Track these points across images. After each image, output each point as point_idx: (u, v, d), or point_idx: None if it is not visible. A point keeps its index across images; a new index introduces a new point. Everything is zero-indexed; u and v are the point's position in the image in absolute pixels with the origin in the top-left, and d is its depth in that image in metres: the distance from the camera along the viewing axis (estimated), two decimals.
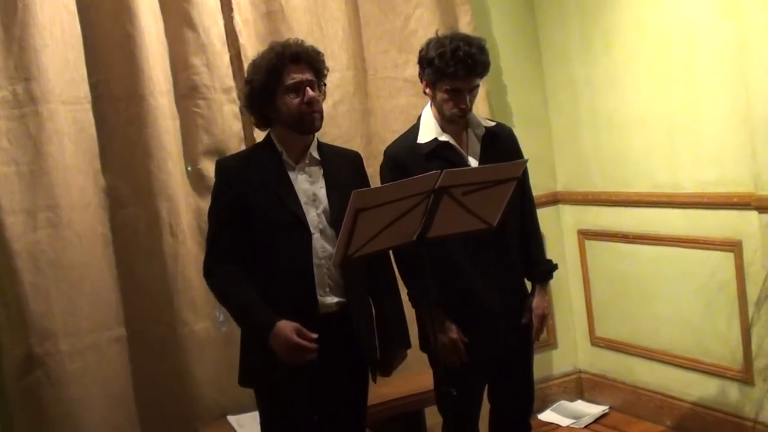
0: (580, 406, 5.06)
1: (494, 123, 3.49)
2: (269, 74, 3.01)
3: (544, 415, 4.97)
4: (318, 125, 3.09)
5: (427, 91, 3.33)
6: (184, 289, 3.90)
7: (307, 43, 3.11)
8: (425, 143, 3.31)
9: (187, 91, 3.97)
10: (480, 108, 4.42)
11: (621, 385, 4.89)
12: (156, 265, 3.89)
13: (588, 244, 4.95)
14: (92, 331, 3.75)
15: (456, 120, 3.30)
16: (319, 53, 3.11)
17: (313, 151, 3.15)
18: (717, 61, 3.92)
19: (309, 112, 3.03)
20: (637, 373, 4.77)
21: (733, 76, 3.82)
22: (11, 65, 3.58)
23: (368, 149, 4.23)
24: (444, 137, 3.31)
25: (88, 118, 3.77)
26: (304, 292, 3.04)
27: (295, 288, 3.04)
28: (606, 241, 4.81)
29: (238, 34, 4.05)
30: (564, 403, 5.08)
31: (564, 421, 4.88)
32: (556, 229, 5.05)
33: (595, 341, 5.03)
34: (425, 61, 3.28)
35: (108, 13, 3.78)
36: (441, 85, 3.25)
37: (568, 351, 5.16)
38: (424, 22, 4.44)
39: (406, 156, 3.31)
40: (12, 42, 3.57)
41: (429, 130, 3.34)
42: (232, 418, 3.89)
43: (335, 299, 3.10)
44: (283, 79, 3.00)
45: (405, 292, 3.39)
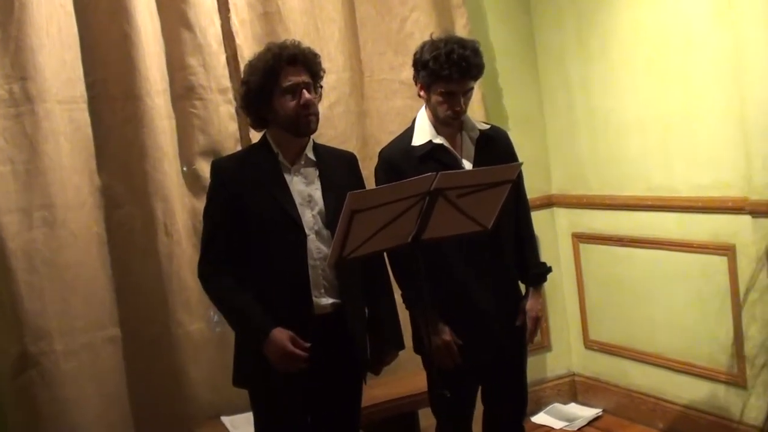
0: (574, 408, 5.07)
1: (489, 126, 3.50)
2: (266, 76, 3.01)
3: (538, 418, 4.97)
4: (314, 128, 3.09)
5: (422, 93, 3.34)
6: (179, 289, 3.90)
7: (304, 45, 3.11)
8: (420, 146, 3.32)
9: (183, 92, 3.97)
10: (475, 110, 4.43)
11: (614, 388, 4.90)
12: (151, 265, 3.89)
13: (582, 247, 4.96)
14: (87, 330, 3.75)
15: (450, 122, 3.31)
16: (315, 55, 3.11)
17: (309, 153, 3.15)
18: (712, 66, 3.93)
19: (305, 114, 3.03)
20: (630, 376, 4.78)
21: (728, 80, 3.83)
22: (8, 64, 3.58)
23: (364, 151, 4.23)
24: (438, 140, 3.32)
25: (84, 117, 3.77)
26: (299, 293, 3.05)
27: (290, 289, 3.04)
28: (600, 244, 4.82)
29: (234, 34, 4.06)
30: (557, 406, 5.09)
31: (557, 424, 4.88)
32: (550, 232, 5.05)
33: (589, 344, 5.04)
34: (420, 64, 3.28)
35: (105, 12, 3.78)
36: (435, 87, 3.25)
37: (561, 354, 5.17)
38: (421, 25, 4.44)
39: (400, 158, 3.32)
40: (9, 41, 3.57)
41: (423, 132, 3.34)
42: (226, 419, 3.89)
43: (330, 300, 3.11)
44: (280, 80, 3.00)
45: (399, 293, 3.40)
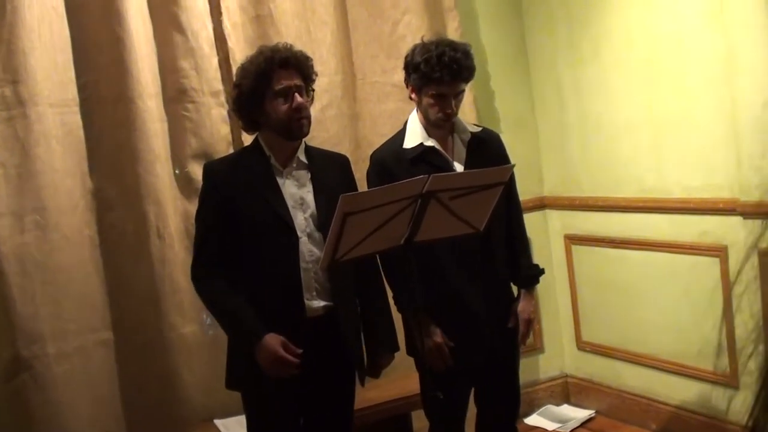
0: (567, 410, 5.07)
1: (480, 128, 3.50)
2: (258, 79, 3.01)
3: (531, 419, 4.97)
4: (306, 131, 3.09)
5: (413, 96, 3.34)
6: (172, 292, 3.90)
7: (296, 48, 3.12)
8: (411, 148, 3.32)
9: (175, 95, 3.97)
10: (467, 113, 4.43)
11: (607, 389, 4.91)
12: (143, 268, 3.88)
13: (575, 249, 4.96)
14: (79, 333, 3.74)
15: (441, 125, 3.31)
16: (308, 58, 3.12)
17: (301, 155, 3.15)
18: (704, 68, 3.94)
19: (297, 118, 3.03)
20: (623, 377, 4.78)
21: (719, 83, 3.84)
22: None
23: (356, 153, 4.24)
24: (430, 142, 3.32)
25: (76, 120, 3.76)
26: (291, 296, 3.05)
27: (282, 292, 3.04)
28: (593, 246, 4.82)
29: (226, 37, 4.06)
30: (550, 408, 5.09)
31: (550, 426, 4.89)
32: (543, 234, 5.06)
33: (582, 346, 5.05)
34: (411, 67, 3.29)
35: (97, 15, 3.78)
36: (427, 90, 3.26)
37: (554, 355, 5.17)
38: (413, 28, 4.44)
39: (392, 161, 3.32)
40: (0, 44, 3.56)
41: (415, 135, 3.35)
42: (218, 422, 3.89)
43: (322, 303, 3.11)
44: (272, 84, 3.00)
45: (391, 296, 3.40)
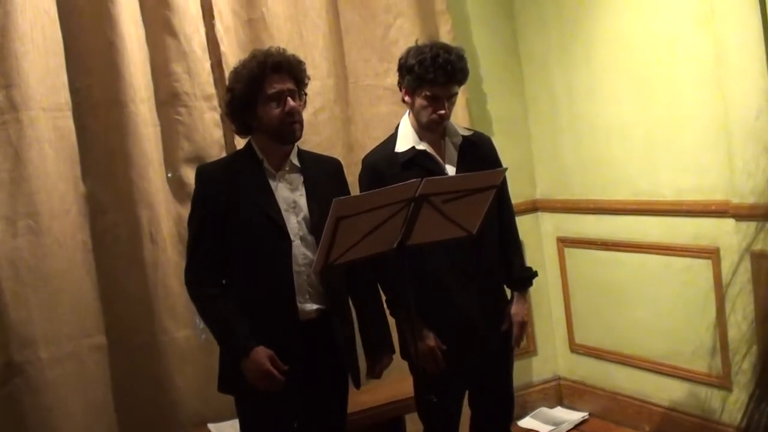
0: (560, 412, 5.08)
1: (472, 132, 3.52)
2: (250, 83, 3.02)
3: (524, 422, 4.98)
4: (298, 135, 3.10)
5: (406, 98, 3.35)
6: (165, 296, 3.89)
7: (289, 52, 3.12)
8: (403, 152, 3.33)
9: (168, 98, 3.96)
10: (460, 116, 4.44)
11: (600, 391, 4.92)
12: (136, 272, 3.88)
13: (567, 251, 4.97)
14: (72, 338, 3.72)
15: (434, 128, 3.32)
16: (300, 62, 3.12)
17: (294, 159, 3.16)
18: (695, 71, 3.96)
19: (290, 122, 3.04)
20: (616, 379, 4.79)
21: (711, 85, 3.85)
22: None
23: (349, 157, 4.23)
24: (422, 146, 3.33)
25: (69, 125, 3.75)
26: (284, 299, 3.05)
27: (276, 295, 3.05)
28: (585, 248, 4.83)
29: (219, 41, 4.05)
30: (544, 410, 5.10)
31: (544, 428, 4.89)
32: (535, 237, 5.07)
33: (575, 348, 5.06)
34: (405, 69, 3.30)
35: (89, 19, 3.77)
36: (420, 91, 3.27)
37: (547, 358, 5.18)
38: (405, 32, 4.45)
39: (384, 164, 3.33)
40: None
41: (407, 139, 3.36)
42: (212, 426, 3.89)
43: (315, 306, 3.11)
44: (265, 88, 3.01)
45: (384, 299, 3.41)
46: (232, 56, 3.98)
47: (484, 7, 4.94)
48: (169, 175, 3.98)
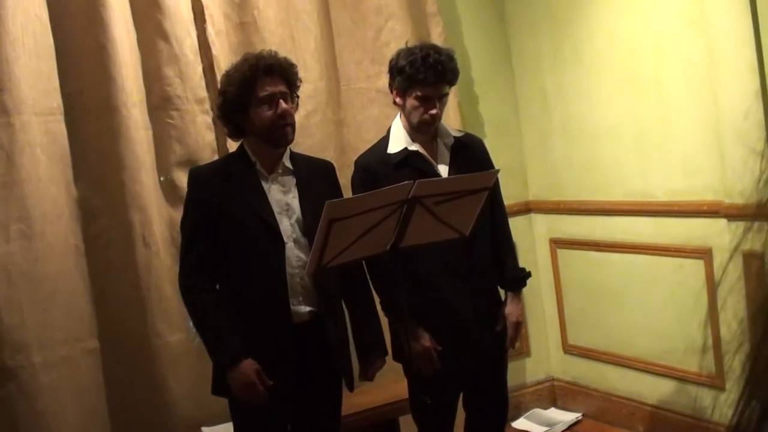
0: (554, 413, 5.08)
1: (463, 133, 3.53)
2: (243, 86, 3.02)
3: (518, 423, 4.98)
4: (290, 138, 3.11)
5: (397, 100, 3.36)
6: (158, 300, 3.89)
7: (281, 55, 3.13)
8: (395, 153, 3.34)
9: (159, 102, 3.96)
10: (452, 118, 4.45)
11: (594, 392, 4.92)
12: (129, 276, 3.87)
13: (560, 252, 4.98)
14: (65, 343, 3.72)
15: (425, 128, 3.33)
16: (292, 65, 3.13)
17: (286, 161, 3.16)
18: (686, 72, 3.97)
19: (282, 124, 3.05)
20: (609, 380, 4.80)
21: (702, 86, 3.86)
22: None
23: (341, 160, 4.23)
24: (414, 147, 3.34)
25: (61, 129, 3.74)
26: (278, 301, 3.05)
27: (269, 297, 3.05)
28: (578, 249, 4.84)
29: (211, 45, 4.05)
30: (537, 411, 5.10)
31: (537, 429, 4.89)
32: (528, 238, 5.07)
33: (568, 349, 5.06)
34: (395, 70, 3.31)
35: (81, 23, 3.77)
36: (411, 91, 3.28)
37: (540, 359, 5.18)
38: (396, 34, 4.45)
39: (376, 165, 3.34)
40: None
41: (399, 140, 3.37)
42: (206, 429, 3.88)
43: (307, 308, 3.12)
44: (257, 91, 3.02)
45: (378, 301, 3.41)
46: (224, 60, 3.98)
47: (475, 9, 4.95)
48: (162, 179, 3.98)
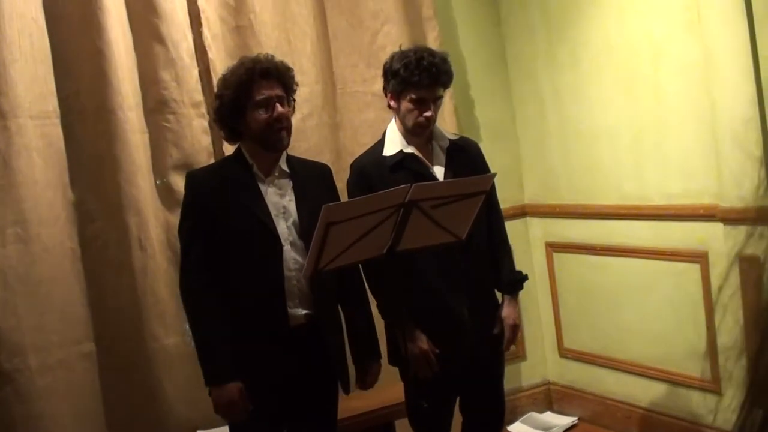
0: (549, 417, 5.08)
1: (458, 136, 3.54)
2: (239, 89, 3.02)
3: (514, 427, 4.98)
4: (286, 143, 3.10)
5: (392, 103, 3.36)
6: (154, 303, 3.89)
7: (277, 59, 3.13)
8: (391, 155, 3.34)
9: (156, 106, 3.96)
10: (447, 122, 4.46)
11: (589, 396, 4.92)
12: (125, 279, 3.87)
13: (556, 256, 4.98)
14: (61, 346, 3.71)
15: (420, 131, 3.33)
16: (288, 69, 3.13)
17: (283, 164, 3.16)
18: (682, 75, 3.97)
19: (278, 128, 3.04)
20: (605, 383, 4.80)
21: (698, 90, 3.87)
22: None
23: (337, 163, 4.23)
24: (409, 149, 3.35)
25: (57, 132, 3.74)
26: (275, 304, 3.05)
27: (266, 300, 3.05)
28: (574, 253, 4.84)
29: (207, 48, 4.05)
30: (533, 415, 5.10)
31: None
32: (524, 242, 5.07)
33: (564, 353, 5.06)
34: (390, 73, 3.32)
35: (77, 27, 3.77)
36: (406, 94, 3.28)
37: (536, 363, 5.18)
38: (392, 38, 4.45)
39: (372, 168, 3.34)
40: None
41: (394, 143, 3.37)
42: None
43: (303, 311, 3.11)
44: (253, 94, 3.01)
45: (375, 304, 3.41)
46: (220, 63, 3.99)
47: (471, 13, 4.95)
48: (158, 182, 3.98)
